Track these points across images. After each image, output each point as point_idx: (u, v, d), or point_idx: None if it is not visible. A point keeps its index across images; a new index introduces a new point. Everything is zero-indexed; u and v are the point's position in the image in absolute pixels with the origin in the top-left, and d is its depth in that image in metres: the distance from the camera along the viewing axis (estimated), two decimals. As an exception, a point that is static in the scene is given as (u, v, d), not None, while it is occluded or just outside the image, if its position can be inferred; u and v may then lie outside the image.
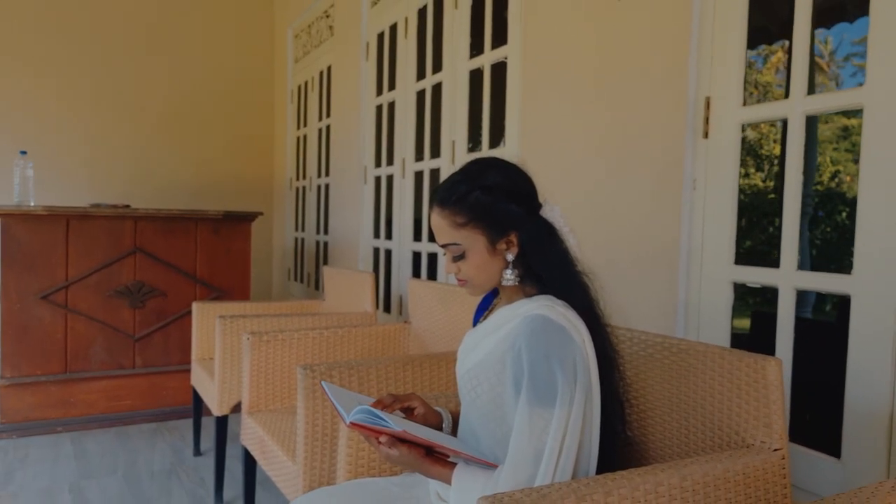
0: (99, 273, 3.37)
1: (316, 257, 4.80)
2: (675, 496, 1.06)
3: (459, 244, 1.16)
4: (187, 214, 3.54)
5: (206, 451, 3.03)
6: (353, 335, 2.28)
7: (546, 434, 1.05)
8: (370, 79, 3.75)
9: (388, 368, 1.78)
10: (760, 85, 8.77)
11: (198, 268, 3.60)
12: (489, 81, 2.68)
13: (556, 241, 1.17)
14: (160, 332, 3.52)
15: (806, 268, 1.54)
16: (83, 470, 2.82)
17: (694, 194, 1.75)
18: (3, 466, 2.84)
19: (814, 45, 4.12)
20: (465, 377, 1.22)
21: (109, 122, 5.13)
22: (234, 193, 5.53)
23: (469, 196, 1.13)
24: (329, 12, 4.40)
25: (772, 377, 1.19)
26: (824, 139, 7.98)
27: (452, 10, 2.89)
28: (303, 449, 1.63)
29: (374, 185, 3.76)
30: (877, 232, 1.35)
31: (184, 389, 3.44)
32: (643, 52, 1.90)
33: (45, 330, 3.29)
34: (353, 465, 1.40)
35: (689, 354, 1.32)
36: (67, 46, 4.98)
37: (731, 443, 1.25)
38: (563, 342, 1.08)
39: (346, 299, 2.89)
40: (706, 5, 1.71)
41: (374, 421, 1.09)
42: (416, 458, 1.13)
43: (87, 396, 3.37)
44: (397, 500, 1.25)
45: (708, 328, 1.72)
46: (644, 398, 1.41)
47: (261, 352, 2.12)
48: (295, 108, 5.25)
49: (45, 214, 3.21)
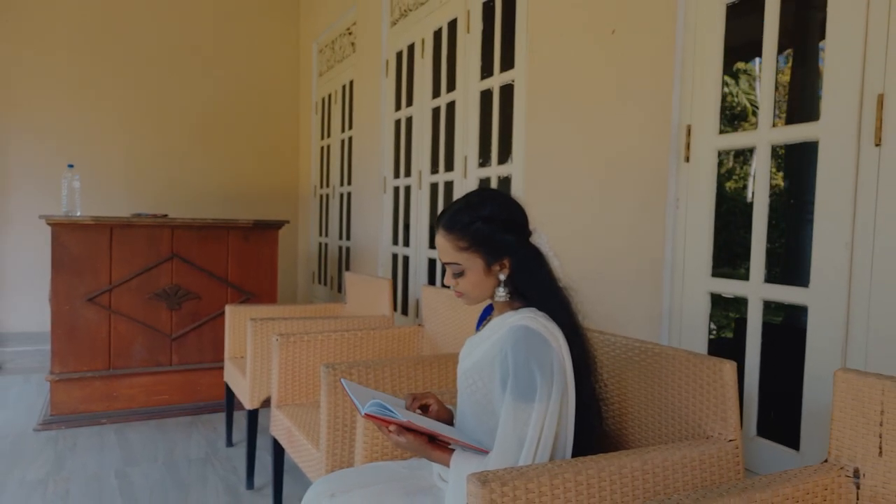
0: (139, 277, 3.64)
1: (339, 261, 5.05)
2: (637, 477, 1.26)
3: (460, 264, 1.36)
4: (220, 223, 3.81)
5: (237, 443, 3.27)
6: (371, 337, 2.50)
7: (527, 425, 1.26)
8: (389, 94, 3.98)
9: (402, 367, 1.99)
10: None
11: (229, 272, 3.86)
12: (498, 102, 2.88)
13: (542, 264, 1.37)
14: (195, 332, 3.78)
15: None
16: (127, 458, 3.09)
17: (677, 212, 1.93)
18: (54, 454, 3.12)
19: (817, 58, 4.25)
20: (462, 376, 1.43)
21: (147, 136, 5.45)
22: (262, 200, 5.82)
23: (471, 225, 1.34)
24: (351, 30, 4.64)
25: (727, 378, 1.38)
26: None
27: (465, 34, 3.10)
28: (325, 437, 1.86)
29: (392, 194, 3.98)
30: (828, 252, 1.53)
31: (217, 385, 3.70)
32: (633, 82, 2.09)
33: (91, 330, 3.57)
34: (369, 450, 1.62)
35: (661, 357, 1.52)
36: (110, 69, 5.32)
37: (694, 434, 1.44)
38: (542, 348, 1.29)
39: (366, 303, 3.11)
40: (688, 43, 1.89)
41: (385, 412, 1.31)
42: (421, 444, 1.34)
43: (129, 391, 3.65)
44: (405, 479, 1.46)
45: (689, 334, 1.90)
46: (623, 395, 1.61)
47: (288, 351, 2.35)
48: (319, 120, 5.50)
49: (92, 224, 3.49)
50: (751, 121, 9.27)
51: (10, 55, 5.05)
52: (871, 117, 1.44)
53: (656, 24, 1.98)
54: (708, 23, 1.83)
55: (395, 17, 3.90)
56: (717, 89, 1.83)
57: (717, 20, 1.81)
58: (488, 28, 2.96)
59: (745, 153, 8.27)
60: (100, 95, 5.29)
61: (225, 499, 2.66)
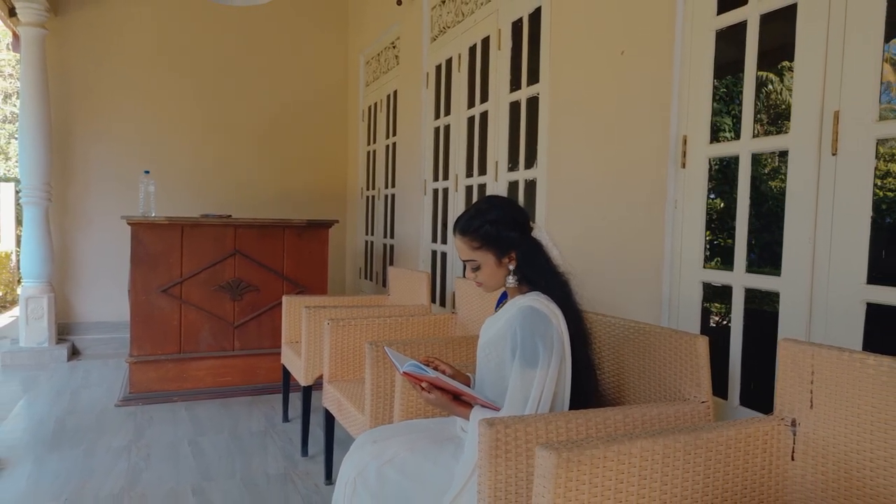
0: (206, 271, 4.08)
1: (383, 258, 5.42)
2: (619, 428, 1.55)
3: (476, 260, 1.68)
4: (277, 223, 4.22)
5: (292, 419, 3.66)
6: (410, 322, 2.84)
7: (531, 387, 1.56)
8: (429, 104, 4.31)
9: (434, 345, 2.32)
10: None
11: (285, 267, 4.26)
12: (525, 112, 3.18)
13: (543, 254, 1.68)
14: (254, 321, 4.20)
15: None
16: (197, 430, 3.51)
17: (675, 212, 2.20)
18: (134, 426, 3.56)
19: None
20: (481, 349, 1.75)
21: (212, 144, 5.95)
22: (314, 201, 6.25)
23: (481, 228, 1.66)
24: (395, 44, 5.00)
25: (700, 350, 1.66)
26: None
27: (496, 50, 3.41)
28: (369, 403, 2.20)
29: (432, 196, 4.32)
30: (795, 246, 1.79)
31: (273, 369, 4.10)
32: (637, 97, 2.36)
33: (164, 318, 4.02)
34: (405, 409, 1.95)
35: (649, 335, 1.80)
36: (179, 83, 5.84)
37: (675, 397, 1.72)
38: (544, 325, 1.59)
39: (407, 294, 3.46)
40: (684, 64, 2.15)
41: (419, 371, 1.64)
42: (447, 400, 1.66)
43: (197, 373, 4.09)
44: (433, 430, 1.79)
45: (685, 317, 2.17)
46: (619, 366, 1.90)
47: (338, 334, 2.71)
48: (366, 127, 5.89)
49: (166, 223, 3.94)
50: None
51: (92, 70, 5.59)
52: (829, 131, 1.69)
53: (658, 47, 2.25)
54: (700, 47, 2.10)
55: (434, 34, 4.24)
56: (707, 104, 2.09)
57: (707, 45, 2.08)
58: (517, 45, 3.26)
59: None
60: (170, 107, 5.81)
61: (283, 464, 3.04)
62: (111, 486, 2.74)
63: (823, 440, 1.35)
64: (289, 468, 2.98)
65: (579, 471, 1.15)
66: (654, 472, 1.24)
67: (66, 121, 5.54)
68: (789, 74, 4.58)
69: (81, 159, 5.61)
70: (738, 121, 2.06)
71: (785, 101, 5.01)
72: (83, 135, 5.61)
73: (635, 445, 1.21)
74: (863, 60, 1.62)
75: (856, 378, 1.28)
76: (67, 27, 5.51)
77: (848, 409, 1.30)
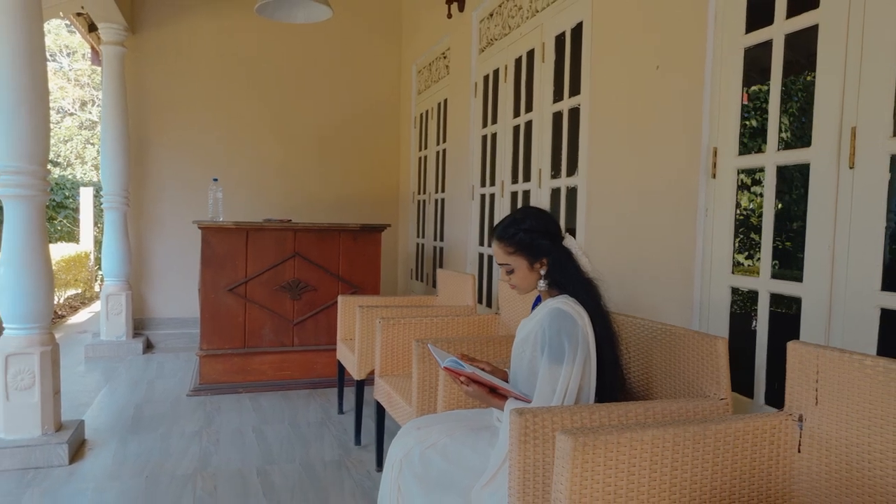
0: (268, 272, 4.37)
1: (433, 260, 5.63)
2: (640, 420, 1.70)
3: (510, 265, 1.86)
4: (333, 227, 4.48)
5: (347, 411, 3.91)
6: (456, 322, 3.02)
7: (557, 381, 1.73)
8: (478, 113, 4.49)
9: (477, 344, 2.50)
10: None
11: (340, 268, 4.52)
12: (567, 123, 3.32)
13: (572, 262, 1.83)
14: (312, 319, 4.48)
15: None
16: (260, 418, 3.79)
17: (706, 220, 2.31)
18: (204, 414, 3.88)
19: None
20: (516, 346, 1.92)
21: (274, 152, 6.31)
22: (368, 206, 6.53)
23: (516, 235, 1.83)
24: (446, 54, 5.20)
25: (720, 350, 1.78)
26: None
27: (540, 63, 3.56)
28: (416, 395, 2.40)
29: (479, 201, 4.50)
30: (816, 254, 1.89)
31: (329, 364, 4.37)
32: (671, 110, 2.48)
33: (231, 315, 4.33)
34: (447, 401, 2.14)
35: (672, 335, 1.93)
36: (243, 95, 6.21)
37: (696, 394, 1.85)
38: (570, 324, 1.75)
39: (454, 295, 3.65)
40: (714, 79, 2.27)
41: (458, 366, 1.82)
42: (484, 393, 1.84)
43: (260, 366, 4.39)
44: (472, 420, 1.97)
45: (715, 320, 2.28)
46: (647, 365, 2.03)
47: (389, 332, 2.92)
48: (417, 134, 6.12)
49: (233, 227, 4.26)
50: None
51: (165, 84, 6.02)
52: (847, 145, 1.79)
53: (690, 63, 2.37)
54: (730, 62, 2.21)
55: (482, 46, 4.42)
56: (736, 118, 2.20)
57: (736, 60, 2.19)
58: (560, 58, 3.40)
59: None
60: (235, 118, 6.19)
61: (338, 451, 3.27)
62: (185, 467, 3.04)
63: (827, 434, 1.47)
64: (343, 456, 3.22)
65: (594, 454, 1.31)
66: (665, 459, 1.39)
67: (142, 131, 5.98)
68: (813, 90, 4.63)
69: (155, 167, 6.04)
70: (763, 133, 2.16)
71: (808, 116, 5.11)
72: (157, 144, 6.04)
73: (647, 433, 1.36)
74: (878, 79, 1.71)
75: (856, 377, 1.39)
76: (144, 44, 5.94)
77: (849, 405, 1.41)
